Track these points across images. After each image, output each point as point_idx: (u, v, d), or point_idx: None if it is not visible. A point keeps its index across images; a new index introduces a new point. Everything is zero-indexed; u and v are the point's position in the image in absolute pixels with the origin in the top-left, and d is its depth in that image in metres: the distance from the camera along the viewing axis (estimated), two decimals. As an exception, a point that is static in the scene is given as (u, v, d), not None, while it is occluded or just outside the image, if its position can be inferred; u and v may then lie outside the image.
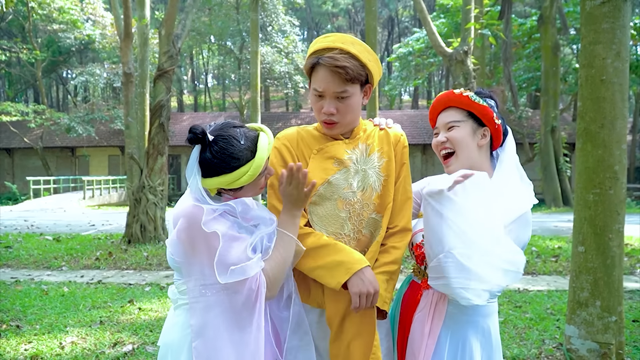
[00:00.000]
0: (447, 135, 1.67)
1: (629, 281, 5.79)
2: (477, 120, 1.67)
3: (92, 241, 8.86)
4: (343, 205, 1.65)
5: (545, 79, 17.74)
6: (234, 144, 1.44)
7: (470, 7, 9.12)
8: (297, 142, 1.69)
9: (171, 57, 8.32)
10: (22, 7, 24.12)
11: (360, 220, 1.65)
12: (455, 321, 1.61)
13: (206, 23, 27.69)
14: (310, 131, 1.72)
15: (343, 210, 1.65)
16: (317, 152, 1.67)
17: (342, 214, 1.64)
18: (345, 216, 1.64)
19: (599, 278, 3.11)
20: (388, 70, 41.32)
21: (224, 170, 1.43)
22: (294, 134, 1.71)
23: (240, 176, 1.44)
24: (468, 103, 1.66)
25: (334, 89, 1.57)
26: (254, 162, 1.45)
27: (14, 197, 25.69)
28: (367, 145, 1.70)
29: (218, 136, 1.44)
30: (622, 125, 3.06)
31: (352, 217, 1.65)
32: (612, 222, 3.07)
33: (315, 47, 1.61)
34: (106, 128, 29.27)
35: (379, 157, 1.70)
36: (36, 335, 3.92)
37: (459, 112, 1.68)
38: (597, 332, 3.13)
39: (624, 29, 3.02)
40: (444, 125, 1.70)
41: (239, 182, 1.45)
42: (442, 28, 19.70)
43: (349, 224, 1.65)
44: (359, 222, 1.65)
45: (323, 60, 1.56)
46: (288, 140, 1.68)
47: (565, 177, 18.14)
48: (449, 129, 1.68)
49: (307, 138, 1.70)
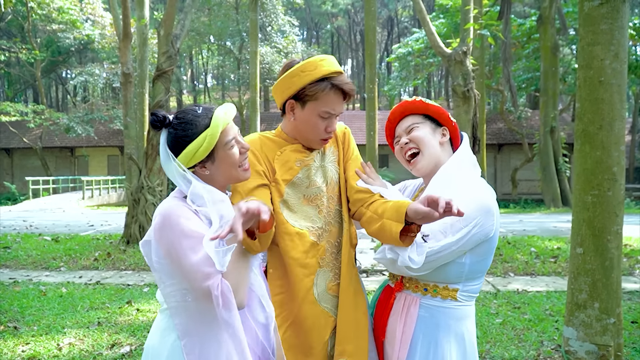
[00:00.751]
0: (410, 137, 1.74)
1: (628, 282, 5.78)
2: (434, 121, 1.75)
3: (91, 241, 8.85)
4: (309, 201, 1.74)
5: (545, 80, 17.74)
6: (190, 113, 1.51)
7: (470, 7, 9.11)
8: (260, 146, 1.75)
9: (170, 57, 8.31)
10: (22, 7, 24.09)
11: (329, 212, 1.75)
12: (426, 325, 1.61)
13: (205, 23, 27.66)
14: (269, 137, 1.80)
15: (311, 206, 1.73)
16: (280, 154, 1.75)
17: (311, 209, 1.73)
18: (315, 211, 1.73)
19: (597, 280, 3.10)
20: (387, 70, 41.33)
21: (186, 141, 1.47)
22: (256, 139, 1.78)
23: (202, 142, 1.47)
24: (423, 107, 1.74)
25: (342, 109, 1.71)
26: (211, 127, 1.48)
27: (13, 197, 25.67)
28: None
29: (177, 114, 1.52)
30: (620, 126, 3.06)
31: (321, 211, 1.74)
32: (610, 223, 3.07)
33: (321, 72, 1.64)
34: (105, 128, 29.27)
35: (332, 152, 1.82)
36: (34, 336, 3.91)
37: (416, 117, 1.76)
38: (596, 334, 3.12)
39: (622, 30, 3.02)
40: (404, 130, 1.77)
41: (202, 149, 1.47)
42: (442, 28, 19.69)
43: (320, 218, 1.73)
44: (328, 214, 1.75)
45: (342, 86, 1.65)
46: (252, 145, 1.74)
47: (564, 177, 18.14)
48: (409, 132, 1.75)
49: (268, 143, 1.77)
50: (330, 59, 1.68)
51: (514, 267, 6.71)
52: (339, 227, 1.77)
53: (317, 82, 1.64)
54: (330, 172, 1.79)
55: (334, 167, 1.80)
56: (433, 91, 42.67)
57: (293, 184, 1.74)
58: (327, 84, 1.64)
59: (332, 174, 1.79)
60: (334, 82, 1.64)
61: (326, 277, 1.71)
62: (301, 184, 1.74)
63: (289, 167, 1.74)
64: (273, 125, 29.89)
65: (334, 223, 1.76)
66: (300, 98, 1.68)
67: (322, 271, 1.71)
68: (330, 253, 1.73)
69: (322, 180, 1.76)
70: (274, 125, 29.89)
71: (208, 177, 1.54)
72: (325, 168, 1.78)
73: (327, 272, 1.71)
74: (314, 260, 1.70)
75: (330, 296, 1.71)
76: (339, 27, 49.18)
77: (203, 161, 1.51)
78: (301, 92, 1.66)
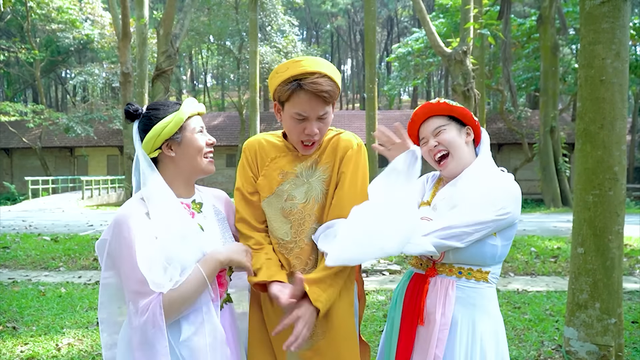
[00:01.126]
0: (438, 139, 1.77)
1: (628, 282, 5.77)
2: (459, 121, 1.80)
3: (90, 241, 8.83)
4: (284, 215, 1.74)
5: (545, 79, 17.73)
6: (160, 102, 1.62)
7: (470, 7, 9.10)
8: (256, 152, 1.79)
9: (170, 56, 8.29)
10: (21, 6, 24.06)
11: (301, 229, 1.72)
12: (464, 305, 1.69)
13: (205, 23, 27.64)
14: (270, 141, 1.81)
15: (285, 220, 1.74)
16: (269, 161, 1.77)
17: (284, 223, 1.74)
18: (288, 225, 1.73)
19: (598, 280, 3.09)
20: (387, 70, 41.32)
21: (153, 122, 1.55)
22: (254, 143, 1.81)
23: (171, 120, 1.55)
24: (448, 108, 1.78)
25: (318, 112, 1.63)
26: (180, 109, 1.57)
27: (13, 197, 25.63)
28: (316, 158, 1.76)
29: (149, 105, 1.63)
30: (621, 125, 3.05)
31: (293, 226, 1.73)
32: (611, 223, 3.06)
33: (291, 73, 1.61)
34: (105, 128, 29.23)
35: (324, 170, 1.75)
36: (33, 336, 3.90)
37: (441, 118, 1.79)
38: (597, 334, 3.11)
39: (623, 29, 3.01)
40: (431, 133, 1.79)
41: (171, 125, 1.55)
42: (441, 28, 19.67)
43: (290, 232, 1.73)
44: (301, 232, 1.72)
45: (307, 86, 1.59)
46: (249, 150, 1.81)
47: (564, 177, 18.13)
48: (436, 134, 1.78)
49: (266, 147, 1.79)
50: (309, 60, 1.63)
51: (514, 267, 6.70)
52: (313, 245, 1.72)
53: (287, 83, 1.62)
54: (314, 190, 1.73)
55: (320, 186, 1.74)
56: (433, 91, 42.64)
57: (274, 195, 1.75)
58: (294, 85, 1.60)
59: (316, 193, 1.73)
60: (301, 82, 1.59)
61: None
62: (281, 195, 1.74)
63: (271, 177, 1.75)
64: (272, 125, 29.85)
65: (307, 241, 1.72)
66: (278, 100, 1.68)
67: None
68: (300, 269, 1.71)
69: (302, 196, 1.73)
70: (274, 125, 29.87)
71: (173, 161, 1.58)
72: (310, 185, 1.74)
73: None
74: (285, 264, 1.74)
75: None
76: (338, 27, 49.17)
77: (169, 140, 1.57)
78: (275, 93, 1.67)
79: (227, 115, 32.24)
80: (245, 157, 1.80)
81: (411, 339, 1.73)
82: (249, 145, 1.81)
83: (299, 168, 1.75)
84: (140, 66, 10.66)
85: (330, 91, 1.61)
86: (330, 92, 1.61)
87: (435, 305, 1.69)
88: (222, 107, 43.28)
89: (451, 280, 1.69)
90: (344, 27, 49.88)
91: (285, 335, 1.58)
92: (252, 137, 1.84)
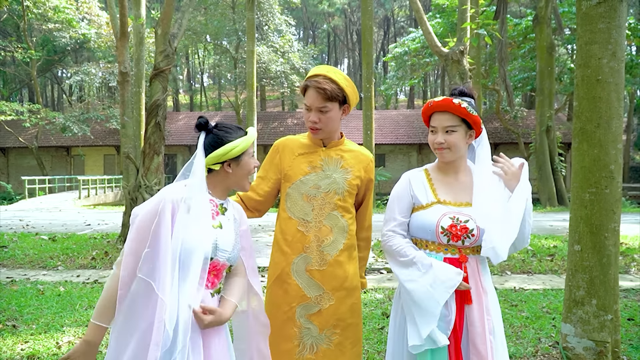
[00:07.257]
0: (446, 139, 2.01)
1: (624, 280, 5.82)
2: (468, 125, 2.02)
3: (88, 241, 8.83)
4: (307, 199, 2.18)
5: (541, 79, 17.79)
6: (229, 125, 1.87)
7: (466, 7, 9.15)
8: (284, 146, 2.28)
9: (167, 56, 8.29)
10: (17, 5, 23.94)
11: (322, 212, 2.16)
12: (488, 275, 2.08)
13: (202, 22, 27.61)
14: (300, 139, 2.29)
15: (307, 203, 2.18)
16: (298, 155, 2.23)
17: (307, 205, 2.18)
18: (310, 207, 2.17)
19: (595, 277, 3.13)
20: (384, 70, 41.35)
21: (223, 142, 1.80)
22: (285, 140, 2.30)
23: (239, 143, 1.80)
24: (465, 113, 1.98)
25: (317, 104, 2.10)
26: (247, 137, 1.85)
27: (9, 196, 25.52)
28: (340, 158, 2.22)
29: (218, 123, 1.86)
30: (618, 124, 3.08)
31: (315, 209, 2.17)
32: (608, 221, 3.09)
33: (309, 74, 2.16)
34: (101, 127, 29.15)
35: (347, 171, 2.20)
36: (32, 335, 3.91)
37: (455, 118, 2.00)
38: (593, 330, 3.15)
39: (619, 29, 3.04)
40: (442, 128, 2.01)
41: (238, 149, 1.80)
42: (438, 28, 19.73)
43: (311, 214, 2.17)
44: (321, 214, 2.16)
45: (310, 83, 2.11)
46: (281, 143, 2.30)
47: (560, 176, 18.19)
48: (446, 132, 2.00)
49: (295, 142, 2.27)
50: (320, 67, 2.16)
51: (511, 265, 6.74)
52: (331, 228, 2.16)
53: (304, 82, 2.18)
54: (336, 182, 2.18)
55: (343, 180, 2.18)
56: (429, 91, 42.71)
57: (300, 182, 2.19)
58: (304, 83, 2.16)
59: (337, 186, 2.17)
60: (308, 81, 2.14)
61: (307, 260, 2.14)
62: (306, 182, 2.19)
63: (300, 169, 2.20)
64: (270, 124, 29.85)
65: (325, 223, 2.16)
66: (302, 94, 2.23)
67: (304, 256, 2.15)
68: (316, 245, 2.14)
69: (325, 187, 2.18)
70: (271, 124, 29.86)
71: (227, 175, 1.85)
72: (332, 178, 2.18)
73: (309, 258, 2.14)
74: (300, 245, 2.15)
75: (307, 276, 2.14)
76: (335, 27, 49.20)
77: (232, 160, 1.82)
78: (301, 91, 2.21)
79: (223, 115, 32.20)
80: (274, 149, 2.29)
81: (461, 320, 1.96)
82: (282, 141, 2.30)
83: (325, 163, 2.20)
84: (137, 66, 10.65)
85: (327, 89, 2.06)
86: (328, 90, 2.06)
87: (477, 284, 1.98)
88: (219, 106, 43.23)
89: (477, 258, 2.02)
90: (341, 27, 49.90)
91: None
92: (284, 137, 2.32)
